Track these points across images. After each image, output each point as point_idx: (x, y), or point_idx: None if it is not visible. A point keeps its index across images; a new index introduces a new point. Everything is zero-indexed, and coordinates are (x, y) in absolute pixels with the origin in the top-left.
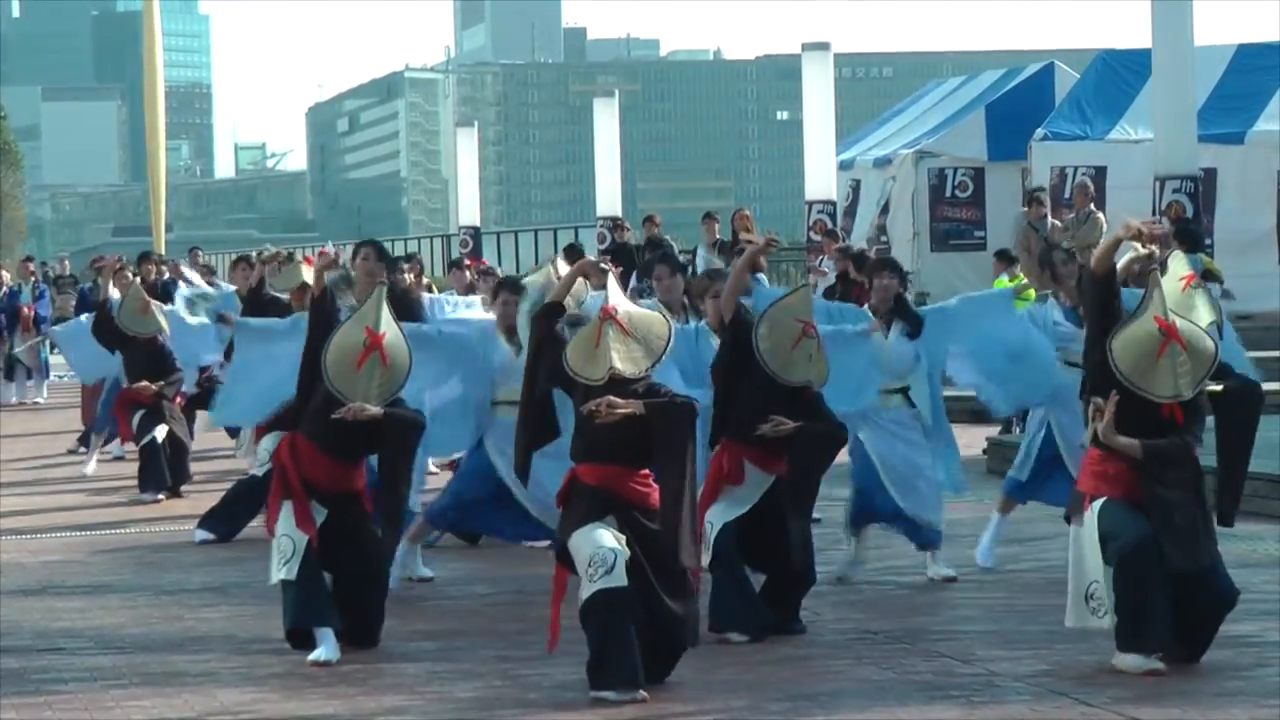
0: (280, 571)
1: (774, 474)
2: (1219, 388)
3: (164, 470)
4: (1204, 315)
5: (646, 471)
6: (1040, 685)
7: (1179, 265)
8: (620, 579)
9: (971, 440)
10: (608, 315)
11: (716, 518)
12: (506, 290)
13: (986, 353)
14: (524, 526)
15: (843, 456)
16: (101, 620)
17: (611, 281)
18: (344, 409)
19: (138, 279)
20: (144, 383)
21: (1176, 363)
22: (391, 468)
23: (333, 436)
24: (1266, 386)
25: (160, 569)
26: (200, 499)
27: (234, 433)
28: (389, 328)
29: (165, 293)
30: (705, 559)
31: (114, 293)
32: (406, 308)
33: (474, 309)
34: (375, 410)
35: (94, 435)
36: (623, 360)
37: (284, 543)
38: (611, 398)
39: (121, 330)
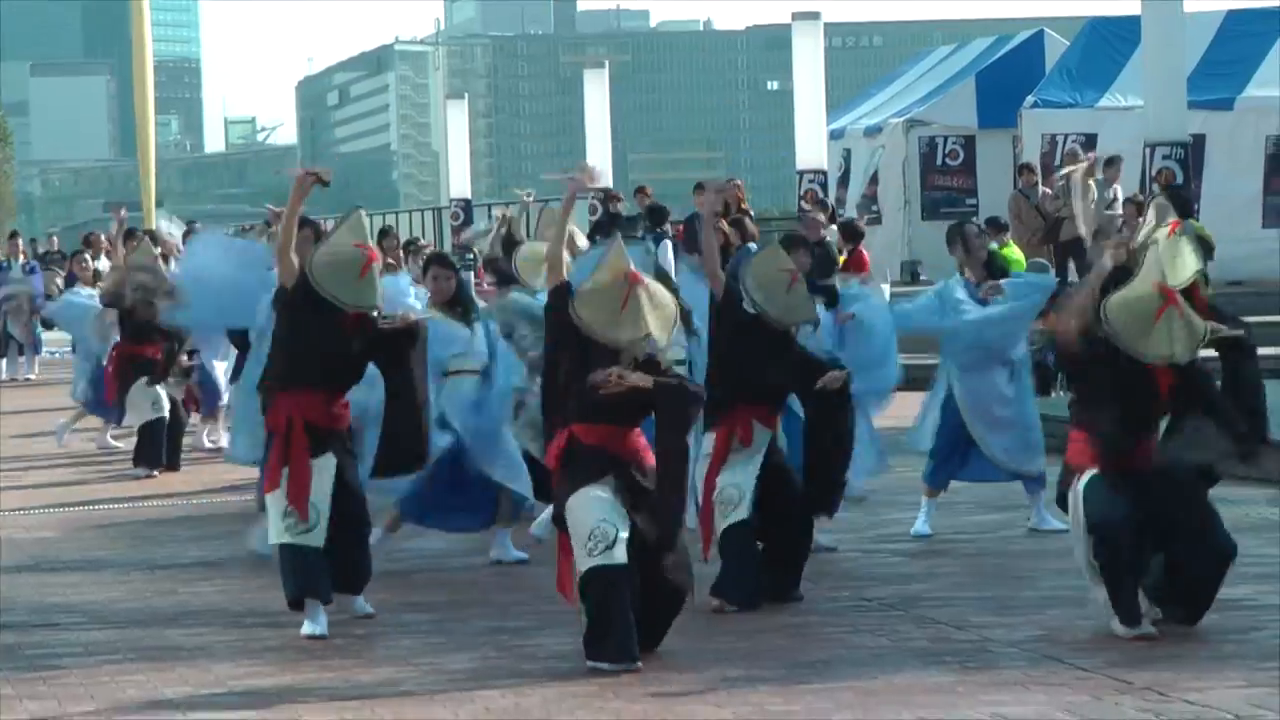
0: (285, 535)
1: (771, 430)
2: (1235, 333)
3: (162, 447)
4: (1191, 261)
5: (639, 430)
6: (1034, 650)
7: (1162, 211)
8: (620, 557)
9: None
10: (636, 280)
11: (743, 479)
12: (437, 265)
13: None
14: (486, 510)
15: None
16: (96, 595)
17: (619, 245)
18: (607, 373)
19: (146, 238)
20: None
21: (1174, 327)
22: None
23: (320, 373)
24: (1259, 351)
25: (154, 544)
26: (190, 474)
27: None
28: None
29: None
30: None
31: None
32: None
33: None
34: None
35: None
36: (658, 329)
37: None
38: (622, 370)
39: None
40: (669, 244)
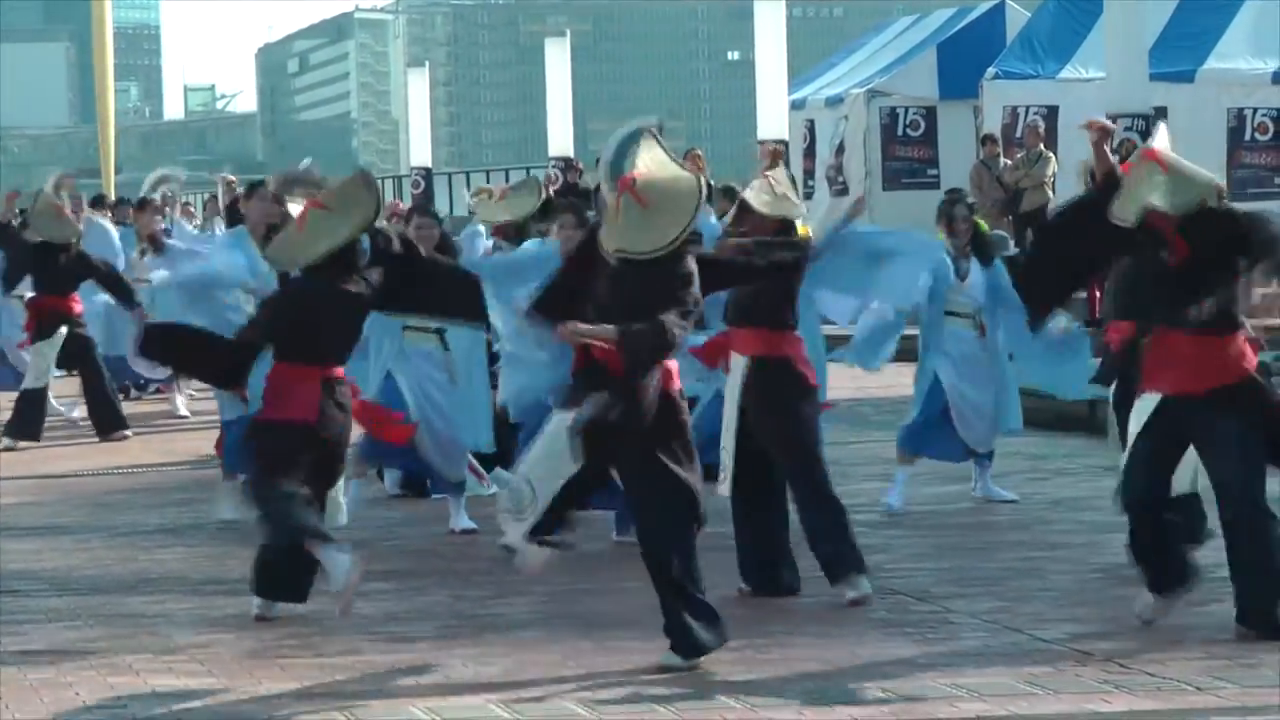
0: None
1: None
2: None
3: (41, 421)
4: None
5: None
6: (995, 621)
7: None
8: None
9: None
10: (625, 187)
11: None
12: (421, 216)
13: (839, 274)
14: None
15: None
16: (55, 562)
17: (649, 142)
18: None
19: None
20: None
21: (1143, 177)
22: None
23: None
24: None
25: (114, 510)
26: (152, 439)
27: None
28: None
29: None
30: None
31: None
32: None
33: None
34: None
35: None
36: (634, 238)
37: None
38: (576, 324)
39: (27, 242)
40: None
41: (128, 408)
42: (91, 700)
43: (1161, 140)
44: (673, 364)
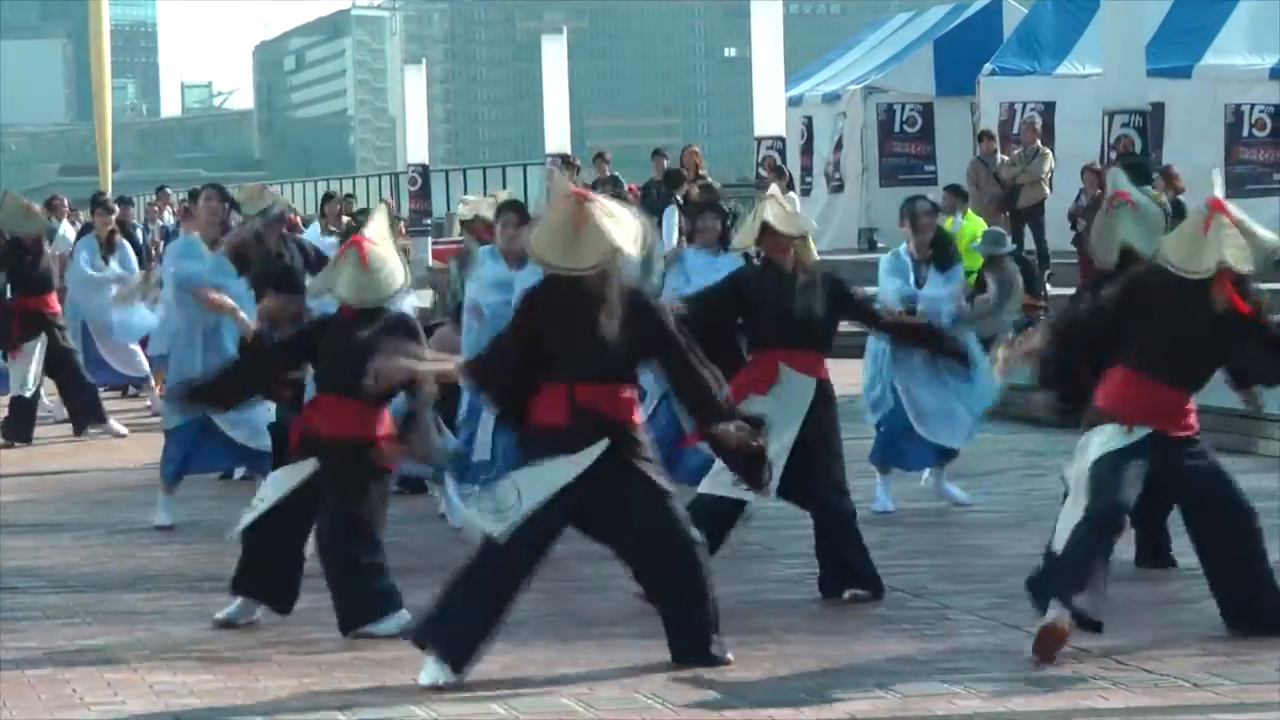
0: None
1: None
2: None
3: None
4: (1124, 233)
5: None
6: (992, 619)
7: (1118, 179)
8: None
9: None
10: (583, 197)
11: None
12: (514, 213)
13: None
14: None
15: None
16: (54, 559)
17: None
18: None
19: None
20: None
21: (1224, 235)
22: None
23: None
24: None
25: (111, 508)
26: (148, 438)
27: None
28: (382, 241)
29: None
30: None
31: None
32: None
33: None
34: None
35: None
36: (626, 241)
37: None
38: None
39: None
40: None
41: (124, 405)
42: (89, 698)
43: (1219, 190)
44: None
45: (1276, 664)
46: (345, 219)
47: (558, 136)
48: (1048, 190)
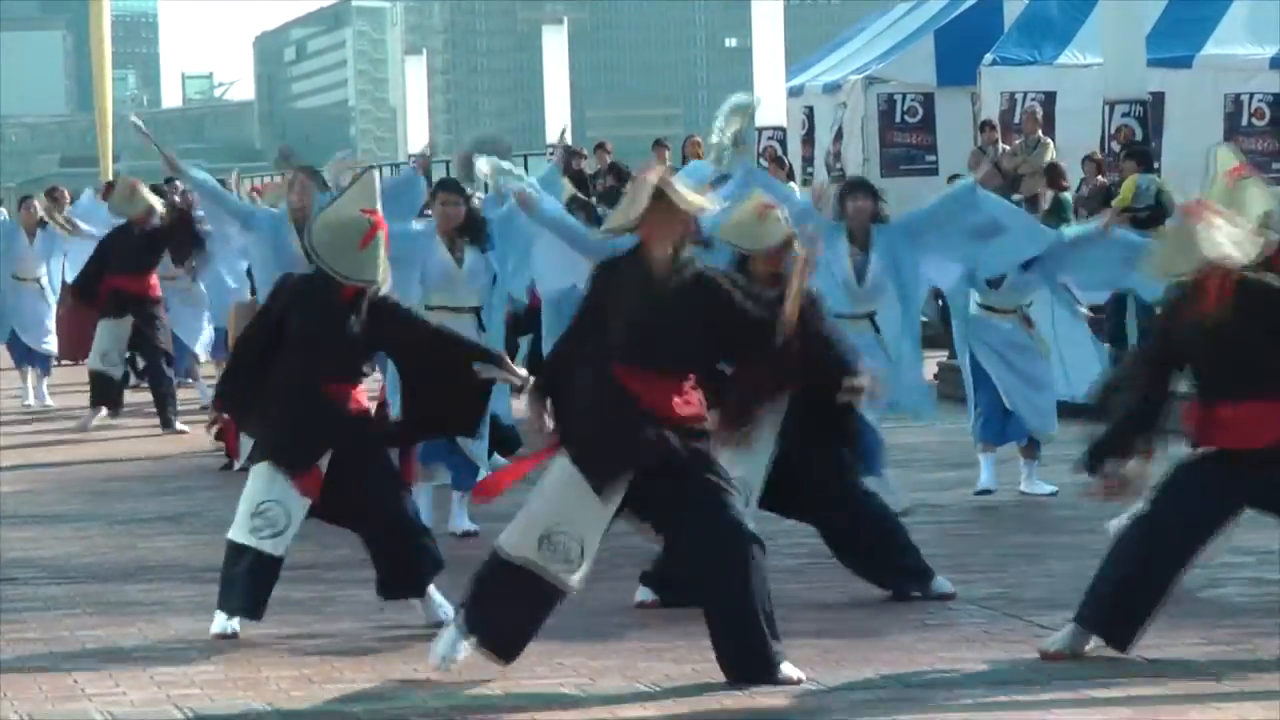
0: (252, 538)
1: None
2: None
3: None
4: (1258, 205)
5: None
6: (994, 608)
7: (1226, 157)
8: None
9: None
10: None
11: (752, 474)
12: (446, 191)
13: (950, 243)
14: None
15: None
16: (54, 550)
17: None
18: None
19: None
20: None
21: (1212, 227)
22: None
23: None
24: None
25: (112, 499)
26: (148, 429)
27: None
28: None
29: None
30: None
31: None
32: None
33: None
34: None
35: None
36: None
37: (273, 510)
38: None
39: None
40: None
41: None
42: (90, 688)
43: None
44: None
45: (1277, 652)
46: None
47: (558, 127)
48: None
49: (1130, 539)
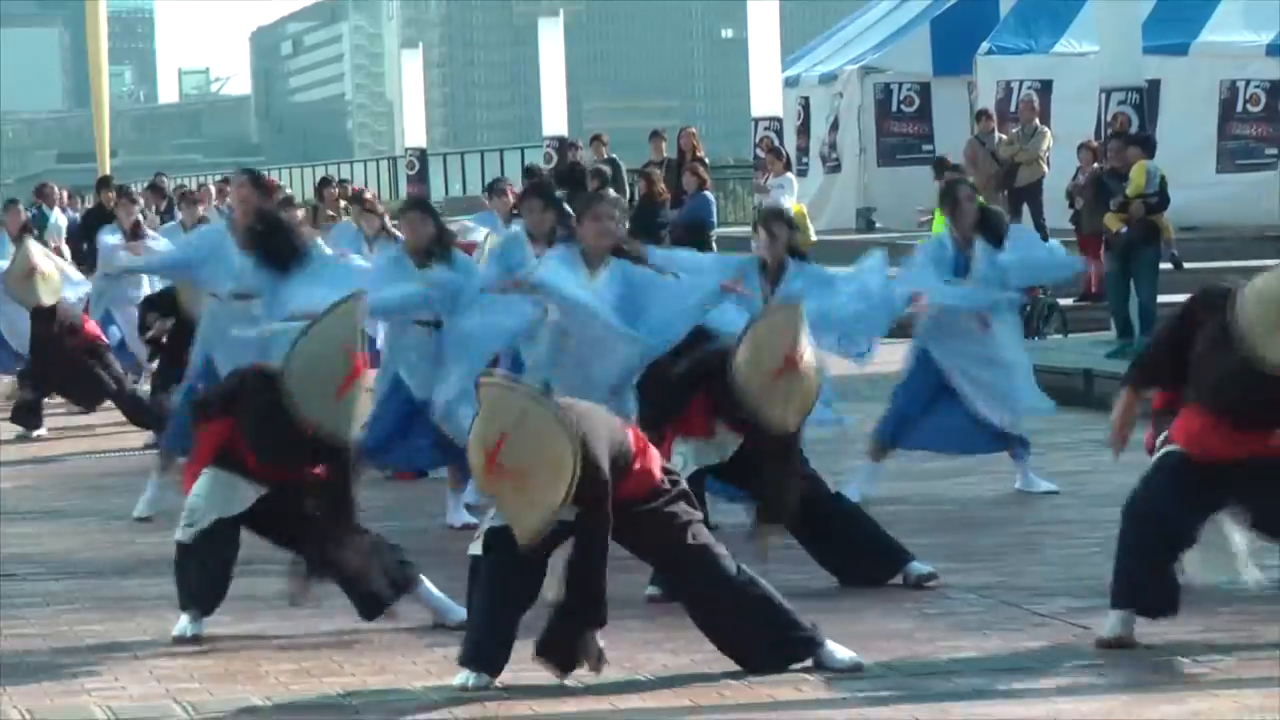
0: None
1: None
2: None
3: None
4: None
5: None
6: (992, 596)
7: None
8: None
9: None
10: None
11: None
12: (417, 211)
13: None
14: (430, 455)
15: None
16: (53, 545)
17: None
18: None
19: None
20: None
21: None
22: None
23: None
24: None
25: (110, 494)
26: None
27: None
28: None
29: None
30: None
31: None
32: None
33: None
34: None
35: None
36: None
37: (194, 502)
38: None
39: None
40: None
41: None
42: (90, 683)
43: None
44: None
45: (1276, 639)
46: (343, 204)
47: (555, 119)
48: (1045, 169)
49: (1142, 509)
